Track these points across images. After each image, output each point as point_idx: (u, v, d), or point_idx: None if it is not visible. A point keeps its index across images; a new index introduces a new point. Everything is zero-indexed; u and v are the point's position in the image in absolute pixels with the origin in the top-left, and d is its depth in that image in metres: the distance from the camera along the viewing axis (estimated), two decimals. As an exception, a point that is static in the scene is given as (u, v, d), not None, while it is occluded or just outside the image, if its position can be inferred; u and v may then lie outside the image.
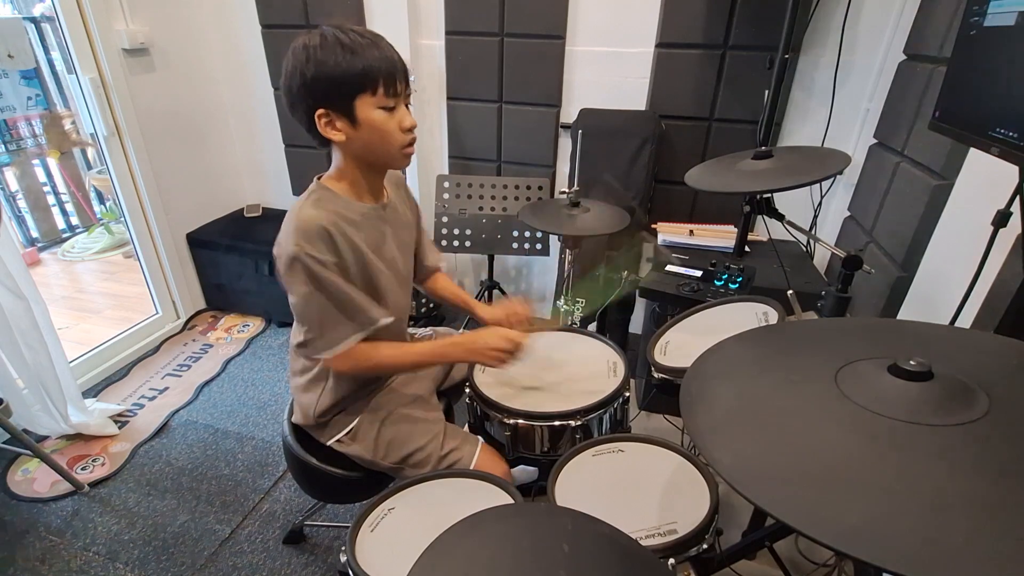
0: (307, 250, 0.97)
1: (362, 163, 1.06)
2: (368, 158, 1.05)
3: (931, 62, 1.59)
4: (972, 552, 0.43)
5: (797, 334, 0.78)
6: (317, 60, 0.94)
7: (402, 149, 1.03)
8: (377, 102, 0.97)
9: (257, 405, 2.19)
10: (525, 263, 2.76)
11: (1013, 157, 0.82)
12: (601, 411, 1.15)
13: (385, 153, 1.03)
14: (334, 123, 0.99)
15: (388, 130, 1.00)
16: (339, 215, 1.02)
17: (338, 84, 0.95)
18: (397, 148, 1.03)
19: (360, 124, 0.98)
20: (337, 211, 1.03)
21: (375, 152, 1.04)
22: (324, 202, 1.03)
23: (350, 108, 0.97)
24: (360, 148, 1.02)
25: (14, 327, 1.72)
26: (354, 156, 1.05)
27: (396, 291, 1.18)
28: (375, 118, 0.98)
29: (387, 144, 1.02)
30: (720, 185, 1.28)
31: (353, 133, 1.00)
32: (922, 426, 0.54)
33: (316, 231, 0.98)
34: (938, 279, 1.42)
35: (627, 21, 2.10)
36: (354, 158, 1.05)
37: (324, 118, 0.98)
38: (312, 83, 0.95)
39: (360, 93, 0.96)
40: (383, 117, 0.99)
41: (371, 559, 0.87)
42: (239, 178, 2.92)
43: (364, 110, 0.97)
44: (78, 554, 1.58)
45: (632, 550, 0.70)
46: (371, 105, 0.97)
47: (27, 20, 3.09)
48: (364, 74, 0.95)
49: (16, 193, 3.59)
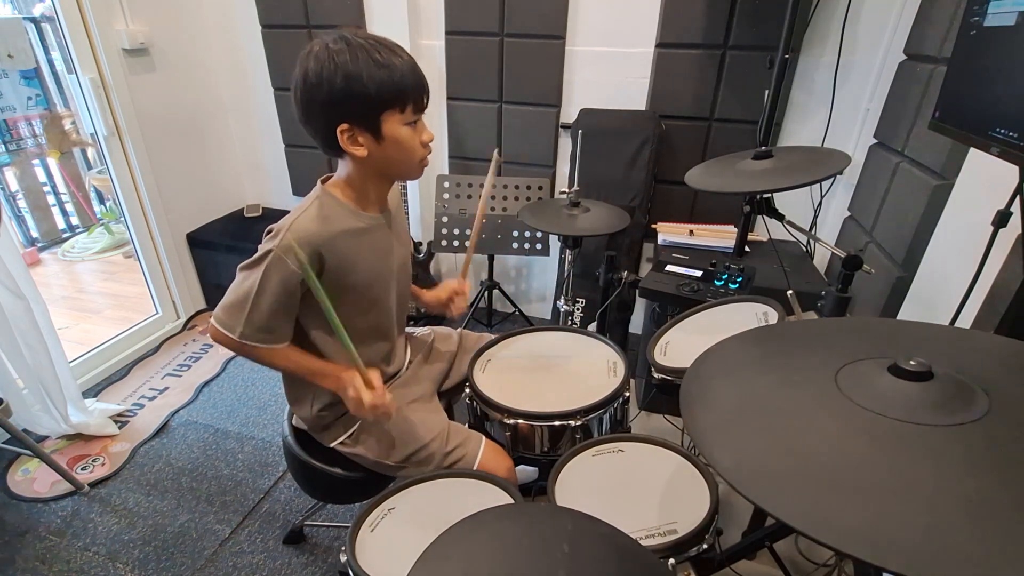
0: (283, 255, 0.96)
1: (376, 175, 1.05)
2: (386, 172, 1.05)
3: (931, 62, 1.59)
4: (972, 552, 0.43)
5: (797, 334, 0.78)
6: (348, 74, 0.90)
7: (420, 163, 1.03)
8: (404, 119, 0.96)
9: (257, 405, 2.19)
10: (525, 263, 2.76)
11: (1013, 157, 0.82)
12: (601, 411, 1.15)
13: (405, 167, 1.03)
14: (357, 138, 0.96)
15: (412, 146, 0.99)
16: (341, 231, 1.01)
17: (370, 101, 0.92)
18: (416, 162, 1.02)
19: (385, 140, 0.97)
20: (340, 226, 1.02)
21: (395, 166, 1.03)
22: (329, 215, 1.01)
23: (376, 124, 0.95)
24: (380, 162, 1.01)
25: (14, 327, 1.73)
26: (370, 169, 1.03)
27: (395, 297, 1.18)
28: (401, 135, 0.97)
29: (408, 159, 1.01)
30: (720, 185, 1.28)
31: (376, 148, 0.98)
32: (922, 426, 0.54)
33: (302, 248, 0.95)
34: (938, 279, 1.42)
35: (627, 21, 2.10)
36: (369, 171, 1.03)
37: (347, 133, 0.95)
38: (341, 97, 0.91)
39: (389, 110, 0.94)
40: (408, 134, 0.98)
41: (371, 559, 0.86)
42: (239, 178, 2.92)
43: (391, 127, 0.96)
44: (78, 554, 1.58)
45: (632, 550, 0.70)
46: (398, 122, 0.96)
47: (27, 20, 3.09)
48: (397, 91, 0.93)
49: (16, 193, 3.59)
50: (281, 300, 1.00)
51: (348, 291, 1.05)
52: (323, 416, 1.18)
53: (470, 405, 1.25)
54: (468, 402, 1.24)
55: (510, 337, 1.40)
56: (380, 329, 1.18)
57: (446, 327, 1.52)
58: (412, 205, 2.63)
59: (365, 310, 1.11)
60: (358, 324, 1.11)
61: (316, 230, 0.98)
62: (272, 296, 0.99)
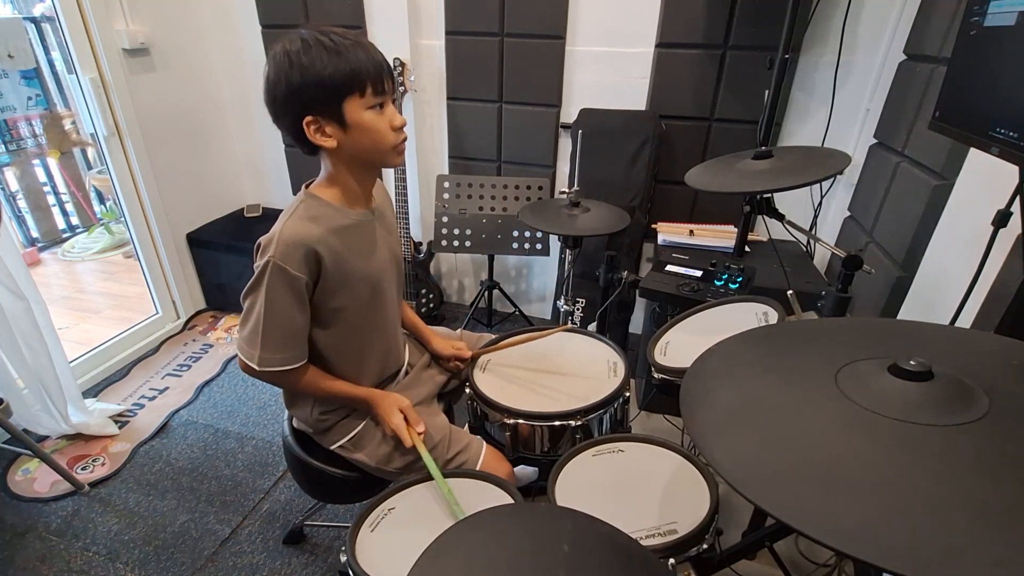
0: (283, 262, 0.96)
1: (355, 167, 1.05)
2: (361, 160, 1.04)
3: (931, 62, 1.59)
4: (972, 552, 0.43)
5: (797, 334, 0.78)
6: (302, 65, 0.91)
7: (395, 148, 1.02)
8: (366, 103, 0.96)
9: (257, 405, 2.19)
10: (525, 263, 2.76)
11: (1013, 157, 0.82)
12: (601, 411, 1.15)
13: (378, 153, 1.02)
14: (323, 129, 0.97)
15: (379, 130, 0.99)
16: (331, 228, 1.01)
17: (326, 88, 0.93)
18: (389, 147, 1.01)
19: (350, 127, 0.97)
20: (329, 224, 1.01)
21: (368, 154, 1.02)
22: (315, 215, 1.01)
23: (339, 112, 0.95)
24: (352, 152, 1.01)
25: (14, 327, 1.72)
26: (346, 161, 1.03)
27: (391, 293, 1.18)
28: (365, 119, 0.97)
29: (379, 144, 1.00)
30: (720, 185, 1.28)
31: (344, 137, 0.98)
32: (922, 426, 0.54)
33: (298, 249, 0.96)
34: (938, 279, 1.42)
35: (627, 21, 2.10)
36: (346, 163, 1.03)
37: (313, 125, 0.96)
38: (299, 89, 0.93)
39: (348, 95, 0.94)
40: (373, 117, 0.97)
41: (371, 559, 0.86)
42: (239, 178, 2.92)
43: (353, 112, 0.96)
44: (78, 554, 1.58)
45: (632, 550, 0.70)
46: (360, 107, 0.96)
47: (27, 20, 3.09)
48: (352, 75, 0.93)
49: (16, 193, 3.59)
50: (293, 311, 1.00)
51: (346, 286, 1.05)
52: (323, 419, 1.18)
53: (470, 405, 1.24)
54: (468, 402, 1.24)
55: (509, 337, 1.40)
56: (379, 324, 1.18)
57: (446, 327, 1.52)
58: (412, 205, 2.62)
59: (364, 305, 1.11)
60: (358, 320, 1.11)
61: (307, 230, 0.98)
62: (282, 311, 0.99)
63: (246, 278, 1.01)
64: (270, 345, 1.01)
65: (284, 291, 0.98)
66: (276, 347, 1.02)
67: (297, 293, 0.99)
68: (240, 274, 2.62)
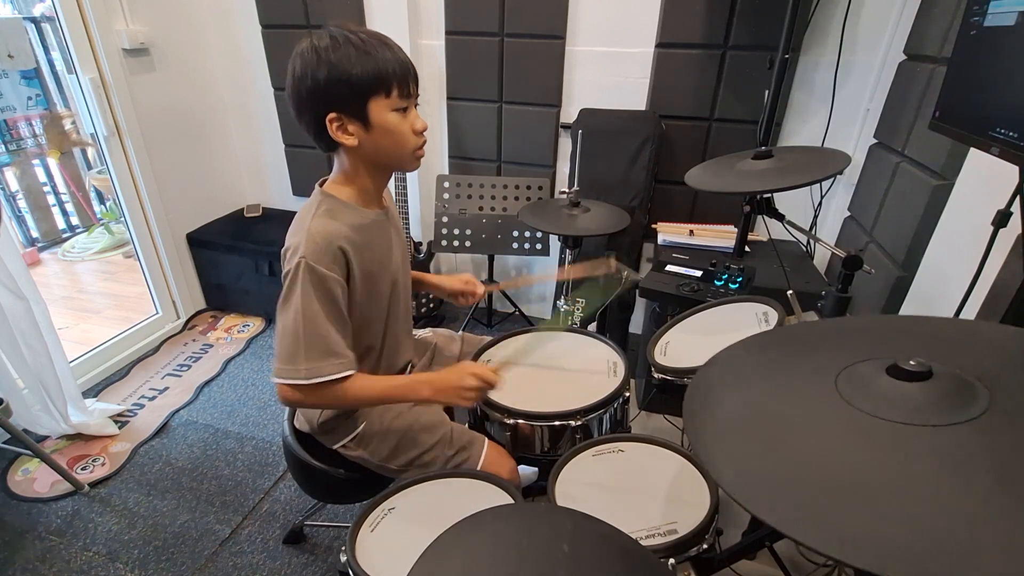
0: (315, 261, 0.94)
1: (372, 167, 1.04)
2: (380, 162, 1.04)
3: (931, 62, 1.59)
4: (975, 561, 0.43)
5: (797, 338, 0.78)
6: (330, 62, 0.91)
7: (414, 152, 1.02)
8: (391, 104, 0.96)
9: (257, 405, 2.19)
10: (525, 263, 2.76)
11: (1013, 157, 0.83)
12: (601, 411, 1.14)
13: (398, 156, 1.02)
14: (346, 127, 0.96)
15: (402, 132, 0.98)
16: (352, 228, 1.00)
17: (352, 86, 0.92)
18: (410, 151, 1.01)
19: (373, 127, 0.96)
20: (350, 224, 1.01)
21: (388, 156, 1.02)
22: (336, 214, 1.00)
23: (363, 111, 0.95)
24: (372, 152, 1.00)
25: (14, 327, 1.72)
26: (364, 160, 1.02)
27: (403, 295, 1.18)
28: (389, 120, 0.96)
29: (400, 147, 1.00)
30: (720, 185, 1.28)
31: (366, 137, 0.97)
32: (923, 427, 0.54)
33: (329, 248, 0.95)
34: (938, 279, 1.42)
35: (627, 21, 2.10)
36: (364, 163, 1.03)
37: (336, 122, 0.95)
38: (325, 86, 0.92)
39: (374, 95, 0.94)
40: (397, 119, 0.97)
41: (371, 559, 0.86)
42: (239, 178, 2.92)
43: (378, 113, 0.95)
44: (78, 554, 1.58)
45: (632, 550, 0.70)
46: (385, 107, 0.95)
47: (27, 20, 3.09)
48: (379, 75, 0.93)
49: (16, 193, 3.59)
50: (332, 311, 0.97)
51: (368, 284, 1.05)
52: (327, 420, 1.18)
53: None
54: (468, 402, 1.24)
55: (510, 337, 1.40)
56: (395, 322, 1.18)
57: (447, 329, 1.52)
58: (412, 205, 2.62)
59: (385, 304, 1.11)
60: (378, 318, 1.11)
61: (334, 228, 0.98)
62: (322, 312, 0.96)
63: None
64: (315, 351, 0.95)
65: (320, 291, 0.96)
66: (321, 352, 0.96)
67: (333, 292, 0.97)
68: (240, 274, 2.62)
